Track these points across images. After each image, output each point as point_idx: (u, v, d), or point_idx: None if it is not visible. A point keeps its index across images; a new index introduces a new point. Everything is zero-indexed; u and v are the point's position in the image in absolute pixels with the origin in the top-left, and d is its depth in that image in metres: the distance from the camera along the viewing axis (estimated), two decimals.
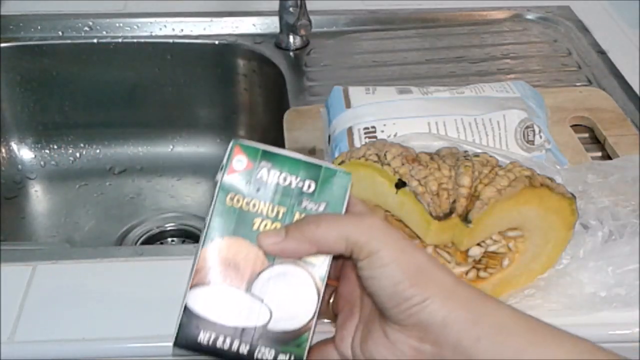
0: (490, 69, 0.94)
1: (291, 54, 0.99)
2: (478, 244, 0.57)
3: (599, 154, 0.79)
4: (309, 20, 0.95)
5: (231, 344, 0.42)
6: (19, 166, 1.07)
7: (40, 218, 1.04)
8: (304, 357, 0.43)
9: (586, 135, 0.82)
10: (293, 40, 0.99)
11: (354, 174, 0.57)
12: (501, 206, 0.54)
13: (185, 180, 1.08)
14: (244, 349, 0.42)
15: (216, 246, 0.43)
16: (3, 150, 1.06)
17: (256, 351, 0.42)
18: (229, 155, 0.44)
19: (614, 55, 0.96)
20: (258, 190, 0.43)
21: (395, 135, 0.68)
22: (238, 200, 0.43)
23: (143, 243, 0.99)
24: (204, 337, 0.42)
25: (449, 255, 0.57)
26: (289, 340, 0.43)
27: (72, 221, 1.02)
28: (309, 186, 0.43)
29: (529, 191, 0.55)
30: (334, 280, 0.49)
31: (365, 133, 0.69)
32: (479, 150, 0.64)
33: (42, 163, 1.08)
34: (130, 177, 1.07)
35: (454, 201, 0.54)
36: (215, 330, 0.42)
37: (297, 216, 0.44)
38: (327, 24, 1.04)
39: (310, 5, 0.95)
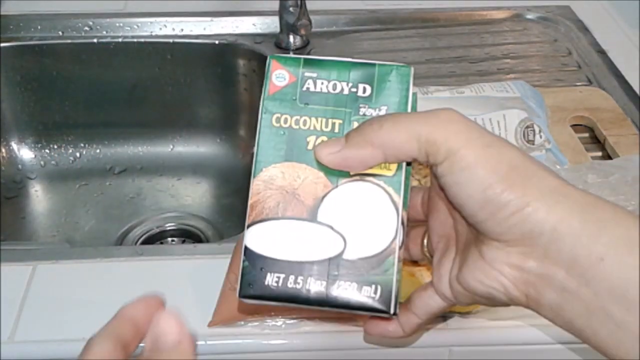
0: (490, 69, 0.94)
1: (291, 53, 0.99)
2: None
3: (599, 154, 0.79)
4: (309, 20, 0.95)
5: (304, 283, 0.36)
6: (19, 166, 1.07)
7: (40, 218, 1.04)
8: (394, 286, 0.36)
9: (586, 135, 0.82)
10: (293, 40, 0.99)
11: None
12: None
13: (186, 180, 1.08)
14: (320, 287, 0.35)
15: (269, 175, 0.36)
16: (3, 150, 1.06)
17: (334, 287, 0.36)
18: (267, 72, 0.39)
19: (614, 55, 0.96)
20: (307, 104, 0.37)
21: None
22: (286, 120, 0.38)
23: (143, 243, 0.99)
24: (271, 280, 0.36)
25: None
26: (371, 268, 0.36)
27: (72, 221, 1.02)
28: (364, 90, 0.37)
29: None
30: (421, 219, 0.42)
31: None
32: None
33: (42, 163, 1.08)
34: (130, 177, 1.07)
35: None
36: (283, 269, 0.36)
37: (355, 125, 0.37)
38: (327, 24, 1.04)
39: (310, 5, 0.95)
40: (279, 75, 0.38)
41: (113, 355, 0.35)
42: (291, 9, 0.96)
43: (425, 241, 0.43)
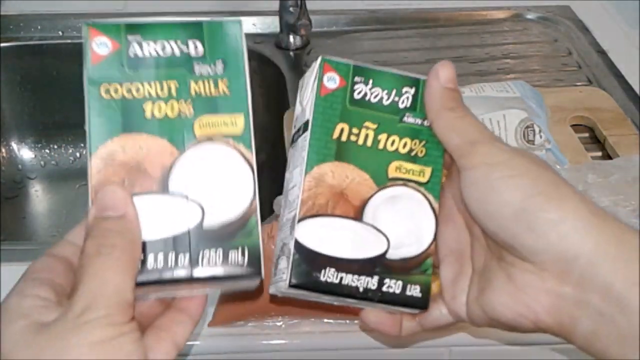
0: (491, 69, 0.94)
1: (291, 53, 0.99)
2: None
3: (599, 153, 0.79)
4: (309, 20, 0.95)
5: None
6: (19, 166, 1.07)
7: (40, 218, 1.04)
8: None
9: (586, 135, 0.82)
10: (293, 40, 0.99)
11: None
12: None
13: None
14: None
15: (107, 152, 0.35)
16: (3, 150, 1.06)
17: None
18: (85, 41, 0.37)
19: (614, 55, 0.96)
20: (136, 70, 0.35)
21: None
22: (116, 90, 0.36)
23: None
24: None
25: None
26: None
27: (72, 221, 1.01)
28: (196, 46, 0.35)
29: None
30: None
31: None
32: None
33: (42, 163, 1.08)
34: None
35: None
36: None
37: (192, 86, 0.35)
38: (327, 24, 1.04)
39: (310, 5, 0.95)
40: (100, 43, 0.36)
41: (52, 264, 0.36)
42: (291, 9, 0.96)
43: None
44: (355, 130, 0.38)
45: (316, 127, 0.38)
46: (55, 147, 1.08)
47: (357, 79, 0.38)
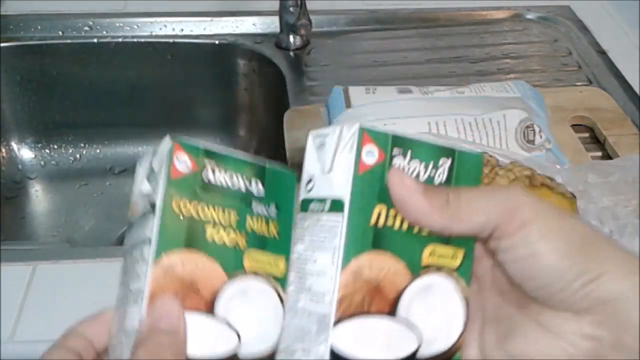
0: (491, 69, 0.94)
1: (291, 53, 0.99)
2: None
3: (599, 153, 0.79)
4: (309, 20, 0.95)
5: None
6: (19, 166, 1.07)
7: (40, 218, 1.04)
8: None
9: (586, 135, 0.81)
10: (293, 40, 0.99)
11: None
12: None
13: None
14: None
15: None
16: (3, 150, 1.06)
17: None
18: (169, 155, 0.36)
19: (614, 55, 0.96)
20: (207, 192, 0.36)
21: None
22: (186, 207, 0.36)
23: None
24: None
25: None
26: None
27: (72, 221, 1.02)
28: (257, 186, 0.37)
29: (529, 191, 0.55)
30: None
31: None
32: (479, 150, 0.64)
33: (42, 163, 1.08)
34: (130, 177, 1.06)
35: None
36: None
37: (249, 221, 0.36)
38: (327, 24, 1.04)
39: (310, 5, 0.95)
40: (181, 161, 0.36)
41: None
42: (291, 9, 0.96)
43: None
44: (392, 212, 0.34)
45: (354, 213, 0.33)
46: (55, 147, 1.08)
47: (395, 151, 0.34)
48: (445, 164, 0.35)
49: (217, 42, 1.02)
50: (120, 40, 1.02)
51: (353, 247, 0.33)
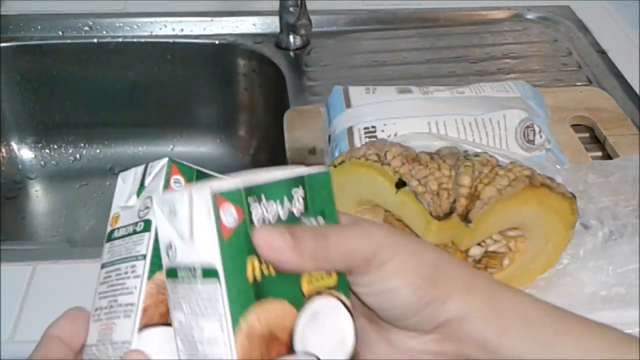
0: (491, 69, 0.94)
1: (291, 53, 0.99)
2: (478, 244, 0.57)
3: (599, 153, 0.79)
4: (309, 20, 0.95)
5: None
6: (19, 166, 1.07)
7: (40, 218, 1.04)
8: None
9: (586, 135, 0.81)
10: (293, 40, 0.99)
11: (355, 174, 0.57)
12: (501, 206, 0.54)
13: None
14: None
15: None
16: (3, 150, 1.06)
17: None
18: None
19: (614, 55, 0.96)
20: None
21: (395, 135, 0.68)
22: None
23: None
24: None
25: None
26: None
27: (72, 221, 1.02)
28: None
29: (529, 191, 0.55)
30: None
31: (365, 133, 0.69)
32: (479, 150, 0.64)
33: (42, 163, 1.08)
34: None
35: (454, 201, 0.54)
36: None
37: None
38: (327, 24, 1.04)
39: (310, 5, 0.95)
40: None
41: None
42: (291, 9, 0.96)
43: None
44: (264, 262, 0.34)
45: (229, 276, 0.33)
46: (55, 147, 1.08)
47: (250, 201, 0.33)
48: (298, 193, 0.35)
49: (217, 42, 1.02)
50: (120, 40, 1.02)
51: (238, 308, 0.33)
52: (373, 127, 0.70)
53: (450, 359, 0.38)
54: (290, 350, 0.34)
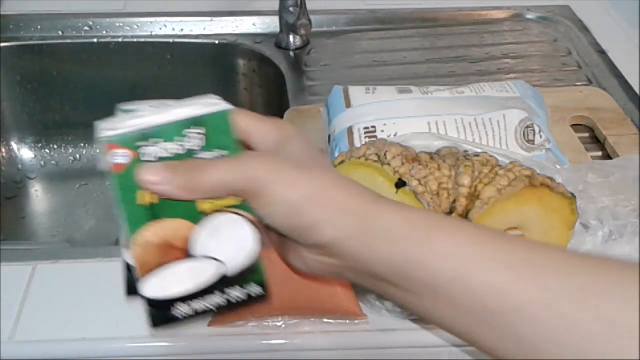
0: (491, 69, 0.94)
1: (291, 53, 0.99)
2: None
3: (599, 153, 0.79)
4: (309, 20, 0.95)
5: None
6: (19, 166, 1.07)
7: (40, 218, 1.04)
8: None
9: (586, 135, 0.82)
10: (293, 40, 0.99)
11: (355, 174, 0.57)
12: (501, 206, 0.54)
13: None
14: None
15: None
16: (3, 150, 1.06)
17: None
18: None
19: (614, 55, 0.96)
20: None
21: (395, 135, 0.68)
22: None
23: None
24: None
25: None
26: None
27: (72, 221, 1.02)
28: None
29: (529, 191, 0.55)
30: None
31: (365, 133, 0.69)
32: (479, 150, 0.64)
33: (42, 163, 1.08)
34: None
35: (454, 201, 0.54)
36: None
37: None
38: (327, 24, 1.04)
39: (310, 5, 0.95)
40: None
41: None
42: (291, 9, 0.96)
43: None
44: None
45: (124, 202, 0.41)
46: (55, 147, 1.08)
47: (141, 143, 0.41)
48: (197, 131, 0.41)
49: (217, 42, 1.02)
50: (120, 40, 1.02)
51: (133, 226, 0.41)
52: (373, 127, 0.70)
53: (339, 270, 0.43)
54: (187, 255, 0.42)
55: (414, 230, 0.41)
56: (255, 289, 0.44)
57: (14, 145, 1.07)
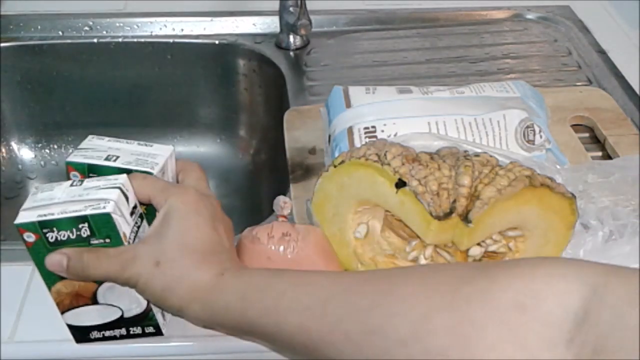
0: (491, 69, 0.94)
1: (291, 53, 0.99)
2: (478, 244, 0.57)
3: (599, 153, 0.79)
4: (309, 20, 0.95)
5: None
6: (19, 166, 1.07)
7: None
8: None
9: (586, 135, 0.82)
10: (293, 40, 0.99)
11: (355, 174, 0.57)
12: (501, 206, 0.54)
13: None
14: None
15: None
16: (3, 150, 1.06)
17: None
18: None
19: (614, 55, 0.96)
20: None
21: (395, 135, 0.68)
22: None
23: None
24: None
25: (449, 255, 0.57)
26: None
27: None
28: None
29: (529, 191, 0.55)
30: None
31: (365, 133, 0.69)
32: (479, 150, 0.64)
33: (42, 163, 1.08)
34: None
35: (454, 201, 0.54)
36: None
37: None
38: (327, 24, 1.04)
39: (310, 5, 0.95)
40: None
41: None
42: (291, 9, 0.96)
43: None
44: None
45: (39, 267, 0.53)
46: (55, 147, 1.08)
47: (46, 230, 0.51)
48: (85, 225, 0.51)
49: (217, 42, 1.02)
50: (120, 40, 1.02)
51: (48, 282, 0.54)
52: (373, 127, 0.70)
53: (208, 326, 0.54)
54: (94, 302, 0.55)
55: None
56: (150, 329, 0.57)
57: (14, 145, 1.07)
